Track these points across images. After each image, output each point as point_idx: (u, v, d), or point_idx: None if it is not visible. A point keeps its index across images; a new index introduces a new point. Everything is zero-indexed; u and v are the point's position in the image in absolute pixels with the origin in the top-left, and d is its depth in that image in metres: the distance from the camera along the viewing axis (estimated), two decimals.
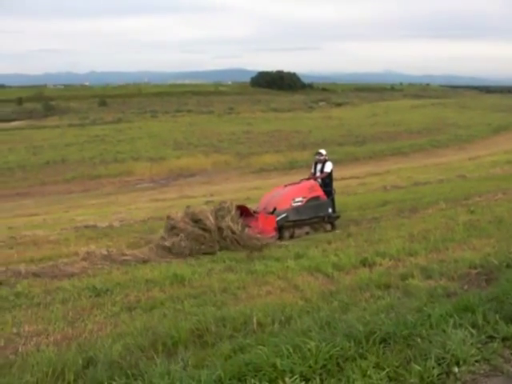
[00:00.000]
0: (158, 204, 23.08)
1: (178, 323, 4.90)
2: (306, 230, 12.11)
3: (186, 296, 6.37)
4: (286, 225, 11.68)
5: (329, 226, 12.55)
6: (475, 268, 6.35)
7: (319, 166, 12.93)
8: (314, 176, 12.92)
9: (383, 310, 4.66)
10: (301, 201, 11.99)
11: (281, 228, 11.54)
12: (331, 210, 12.61)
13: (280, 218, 11.49)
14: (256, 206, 12.28)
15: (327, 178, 12.79)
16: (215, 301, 6.01)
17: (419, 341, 3.74)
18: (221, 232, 10.10)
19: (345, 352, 3.60)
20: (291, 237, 11.62)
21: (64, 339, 5.16)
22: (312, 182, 12.58)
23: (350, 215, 13.94)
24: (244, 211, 11.22)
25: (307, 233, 12.05)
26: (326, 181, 12.76)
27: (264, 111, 75.48)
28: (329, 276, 6.98)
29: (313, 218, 12.25)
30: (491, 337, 3.87)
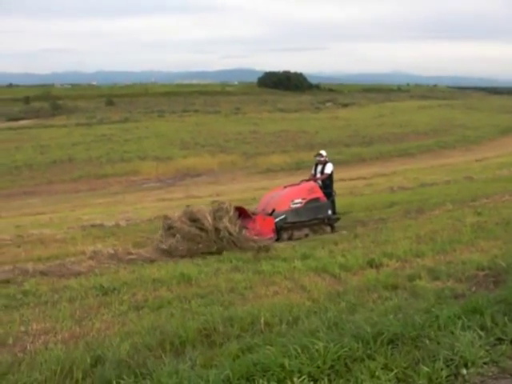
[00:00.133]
0: (165, 203, 23.10)
1: (186, 323, 4.92)
2: (305, 232, 11.99)
3: (194, 295, 6.38)
4: (285, 226, 11.60)
5: (328, 229, 12.42)
6: (483, 270, 6.34)
7: (319, 168, 12.81)
8: (314, 177, 12.81)
9: (391, 311, 4.66)
10: (300, 202, 11.88)
11: (279, 230, 11.47)
12: (331, 212, 12.45)
13: (278, 220, 11.42)
14: (255, 207, 12.25)
15: (327, 180, 12.65)
16: (222, 300, 6.02)
17: (427, 342, 3.73)
18: (218, 233, 10.06)
19: (353, 353, 3.60)
20: (290, 239, 11.54)
21: (72, 338, 5.18)
22: (312, 184, 12.46)
23: (357, 216, 13.93)
24: (242, 213, 11.13)
25: (306, 235, 11.92)
26: (327, 182, 12.62)
27: (271, 111, 75.36)
28: (336, 277, 6.98)
29: (312, 220, 12.13)
30: (500, 339, 3.85)
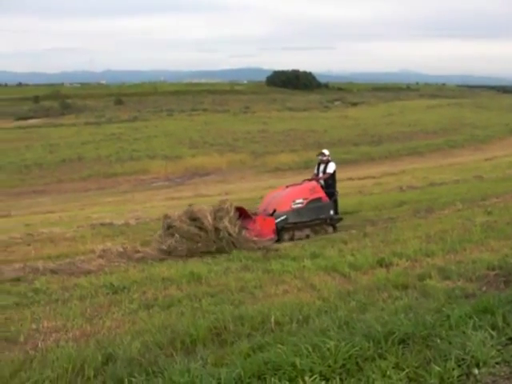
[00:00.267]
0: (174, 202, 23.11)
1: (196, 321, 4.94)
2: (307, 233, 11.89)
3: (204, 294, 6.40)
4: (286, 227, 11.50)
5: (330, 229, 12.29)
6: (493, 269, 6.31)
7: (322, 167, 12.67)
8: (317, 177, 12.69)
9: (401, 311, 4.65)
10: (301, 202, 11.74)
11: (280, 230, 11.36)
12: (333, 212, 12.29)
13: (279, 220, 11.31)
14: (256, 208, 12.19)
15: (330, 179, 12.50)
16: (233, 299, 6.04)
17: (439, 342, 3.72)
18: (217, 233, 10.05)
19: (364, 352, 3.60)
20: (291, 239, 11.45)
21: (82, 335, 5.21)
22: (313, 183, 12.29)
23: (366, 215, 13.91)
24: (242, 213, 11.06)
25: (308, 235, 11.81)
26: (329, 182, 12.48)
27: (279, 110, 75.22)
28: (346, 276, 6.98)
29: (314, 220, 12.01)
30: (511, 339, 3.84)
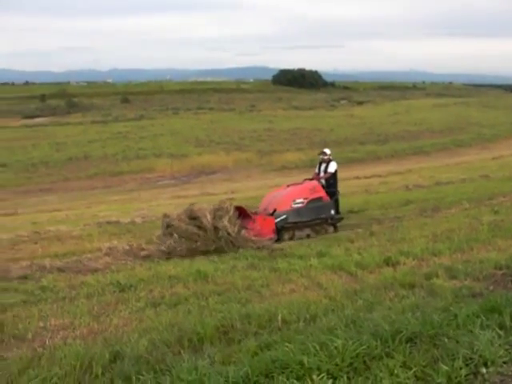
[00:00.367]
0: (180, 201, 23.10)
1: (203, 319, 4.95)
2: (307, 233, 11.85)
3: (210, 293, 6.42)
4: (286, 227, 11.46)
5: (331, 229, 12.24)
6: (501, 269, 6.29)
7: (323, 166, 12.61)
8: (318, 176, 12.64)
9: (408, 310, 4.65)
10: (302, 202, 11.69)
11: (280, 230, 11.32)
12: (334, 212, 12.23)
13: (279, 220, 11.27)
14: (256, 207, 12.17)
15: (331, 179, 12.44)
16: (239, 298, 6.05)
17: (446, 341, 3.71)
18: (217, 232, 10.04)
19: (371, 350, 3.59)
20: (291, 239, 11.40)
21: (90, 333, 5.23)
22: (314, 183, 12.25)
23: (372, 214, 13.90)
24: (242, 213, 11.05)
25: (308, 235, 11.77)
26: (330, 181, 12.42)
27: (285, 109, 75.12)
28: (352, 275, 6.98)
29: (314, 220, 11.96)
30: None
